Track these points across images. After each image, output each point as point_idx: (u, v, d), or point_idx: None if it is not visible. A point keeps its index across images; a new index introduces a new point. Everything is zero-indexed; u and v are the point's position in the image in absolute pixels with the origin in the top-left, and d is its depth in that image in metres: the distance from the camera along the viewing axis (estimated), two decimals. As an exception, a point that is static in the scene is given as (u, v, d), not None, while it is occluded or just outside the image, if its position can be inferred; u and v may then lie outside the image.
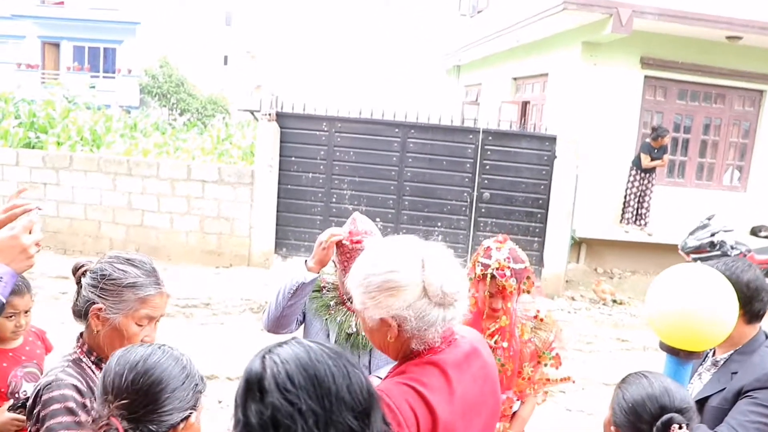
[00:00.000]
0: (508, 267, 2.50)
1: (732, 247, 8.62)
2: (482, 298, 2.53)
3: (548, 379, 2.76)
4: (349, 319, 2.49)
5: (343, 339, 2.49)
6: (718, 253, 8.57)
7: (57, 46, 29.91)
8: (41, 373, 2.50)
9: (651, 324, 2.06)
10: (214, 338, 6.50)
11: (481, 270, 2.54)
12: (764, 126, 10.44)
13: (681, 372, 2.00)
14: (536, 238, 9.17)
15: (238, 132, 18.19)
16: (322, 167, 9.12)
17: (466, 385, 1.64)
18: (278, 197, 9.06)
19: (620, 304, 8.83)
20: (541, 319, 2.72)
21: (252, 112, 10.32)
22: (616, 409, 1.78)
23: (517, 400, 2.69)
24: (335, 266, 2.49)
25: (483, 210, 9.15)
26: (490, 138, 9.05)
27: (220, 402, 5.05)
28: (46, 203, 8.99)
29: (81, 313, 1.85)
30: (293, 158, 9.07)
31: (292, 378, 1.15)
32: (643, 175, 9.71)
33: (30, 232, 1.72)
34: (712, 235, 8.56)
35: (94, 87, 18.64)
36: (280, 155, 9.00)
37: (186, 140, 15.24)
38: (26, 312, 2.53)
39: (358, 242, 2.33)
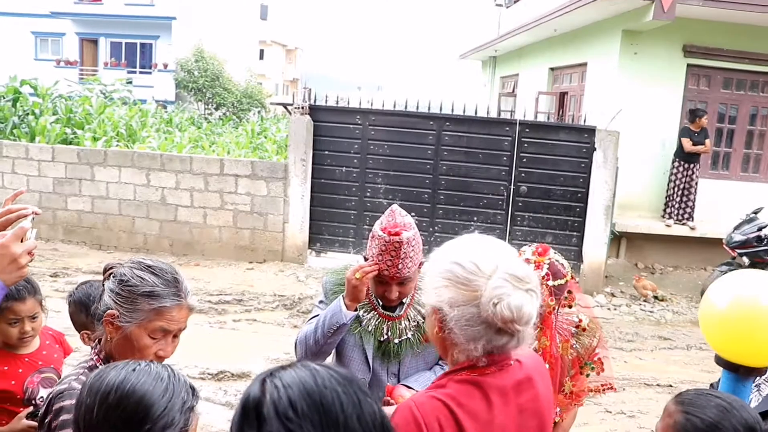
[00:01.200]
0: (546, 285, 2.31)
1: (780, 242, 8.28)
2: None
3: (590, 389, 2.60)
4: (381, 325, 2.35)
5: (375, 347, 2.35)
6: (766, 248, 8.25)
7: (95, 42, 30.41)
8: (59, 378, 2.42)
9: (706, 336, 1.87)
10: (246, 335, 6.44)
11: None
12: (814, 115, 10.01)
13: (740, 390, 1.80)
14: (575, 233, 8.94)
15: (273, 126, 18.22)
16: (356, 161, 9.00)
17: (510, 415, 1.49)
18: (312, 192, 8.97)
19: (662, 300, 8.56)
20: (584, 329, 2.55)
21: (285, 106, 10.22)
22: None
23: (558, 417, 2.53)
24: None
25: (520, 204, 8.94)
26: (527, 130, 8.83)
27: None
28: (81, 199, 9.06)
29: (101, 317, 1.76)
30: (327, 152, 8.97)
31: (295, 405, 1.01)
32: (687, 166, 9.37)
33: (23, 240, 1.61)
34: (759, 229, 8.24)
35: (130, 82, 18.82)
36: (314, 149, 8.91)
37: (221, 134, 15.32)
38: (33, 317, 2.42)
39: (396, 234, 2.18)
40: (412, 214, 9.29)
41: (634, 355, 6.73)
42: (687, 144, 9.23)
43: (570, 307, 2.48)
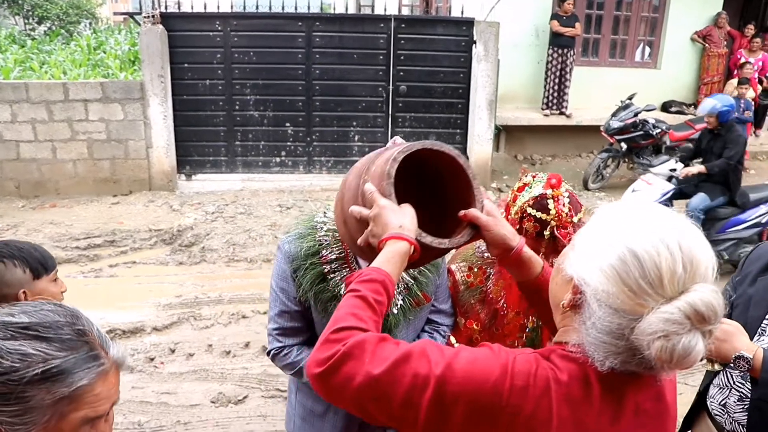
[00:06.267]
0: (571, 222, 1.82)
1: (654, 126, 8.48)
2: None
3: None
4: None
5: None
6: (641, 133, 8.43)
7: None
8: None
9: None
10: (128, 281, 5.69)
11: (533, 228, 1.85)
12: (674, -1, 10.16)
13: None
14: (458, 130, 8.74)
15: (111, 39, 16.44)
16: (220, 72, 8.22)
17: (620, 410, 1.10)
18: (174, 111, 8.13)
19: (547, 191, 8.60)
20: None
21: (132, 15, 9.07)
22: None
23: None
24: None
25: (400, 104, 8.58)
26: (402, 26, 8.37)
27: (152, 360, 4.35)
28: None
29: None
30: (186, 65, 8.10)
31: None
32: (561, 52, 9.30)
33: None
34: (635, 115, 8.39)
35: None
36: (171, 63, 7.98)
37: (51, 53, 13.50)
38: None
39: None
40: (287, 124, 8.56)
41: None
42: (554, 24, 9.15)
43: None
